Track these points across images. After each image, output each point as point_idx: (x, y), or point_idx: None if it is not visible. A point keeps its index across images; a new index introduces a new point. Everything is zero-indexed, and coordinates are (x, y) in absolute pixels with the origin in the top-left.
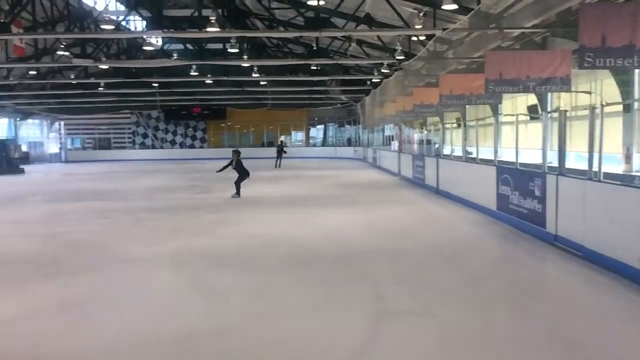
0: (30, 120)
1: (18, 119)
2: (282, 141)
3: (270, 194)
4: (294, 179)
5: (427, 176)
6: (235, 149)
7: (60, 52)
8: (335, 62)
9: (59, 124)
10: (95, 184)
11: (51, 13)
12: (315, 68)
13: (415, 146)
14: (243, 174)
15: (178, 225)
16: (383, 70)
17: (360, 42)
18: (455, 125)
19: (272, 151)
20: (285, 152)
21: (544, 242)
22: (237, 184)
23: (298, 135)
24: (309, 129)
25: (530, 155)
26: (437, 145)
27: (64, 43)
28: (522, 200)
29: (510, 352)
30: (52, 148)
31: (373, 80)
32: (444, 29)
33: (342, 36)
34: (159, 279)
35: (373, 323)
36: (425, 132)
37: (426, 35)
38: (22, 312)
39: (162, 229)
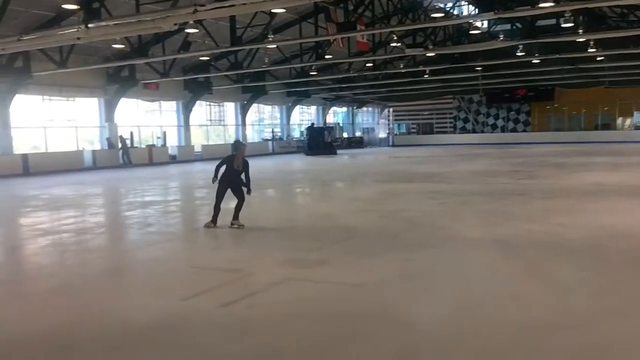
0: (364, 108)
1: (355, 107)
2: None
3: (607, 182)
4: (636, 167)
5: None
6: (237, 139)
7: (393, 44)
8: None
9: (388, 111)
10: (421, 166)
11: (387, 8)
12: None
13: None
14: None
15: (506, 210)
16: None
17: None
18: None
19: (607, 134)
20: None
21: None
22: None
23: None
24: None
25: None
26: None
27: (396, 35)
28: None
29: None
30: (381, 133)
31: None
32: None
33: None
34: (492, 263)
35: None
36: None
37: None
38: (372, 279)
39: (489, 212)
